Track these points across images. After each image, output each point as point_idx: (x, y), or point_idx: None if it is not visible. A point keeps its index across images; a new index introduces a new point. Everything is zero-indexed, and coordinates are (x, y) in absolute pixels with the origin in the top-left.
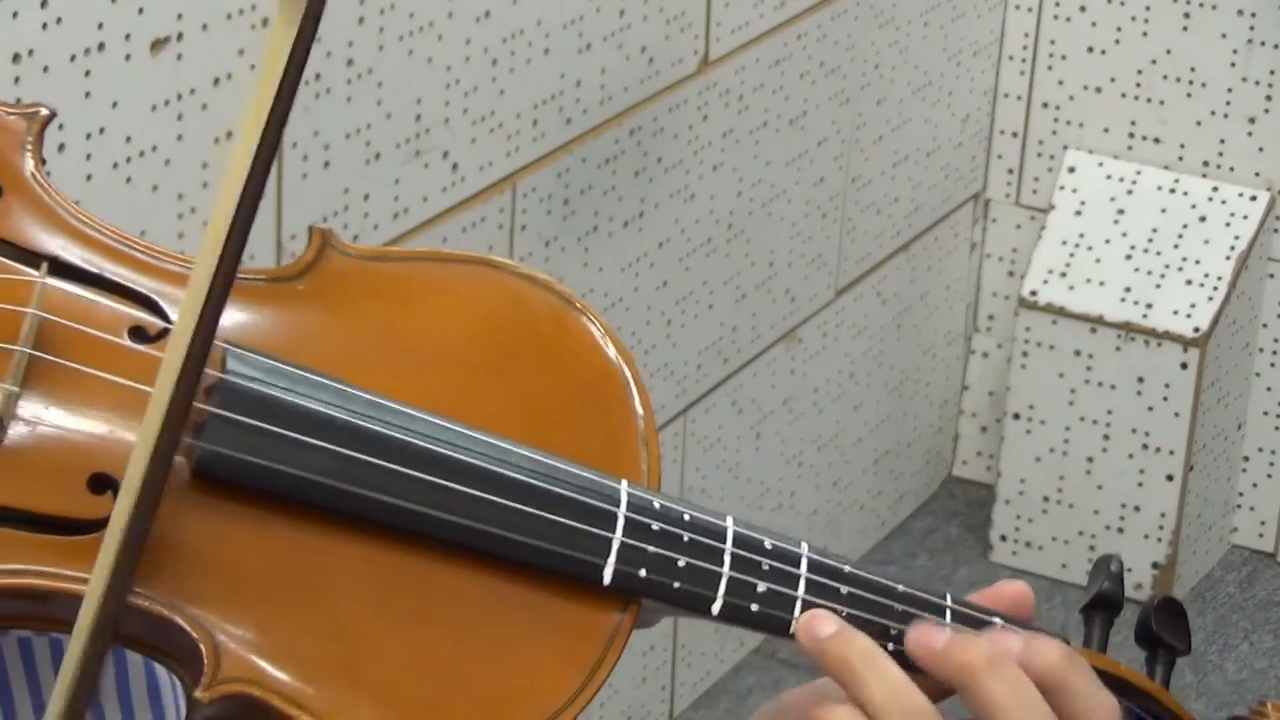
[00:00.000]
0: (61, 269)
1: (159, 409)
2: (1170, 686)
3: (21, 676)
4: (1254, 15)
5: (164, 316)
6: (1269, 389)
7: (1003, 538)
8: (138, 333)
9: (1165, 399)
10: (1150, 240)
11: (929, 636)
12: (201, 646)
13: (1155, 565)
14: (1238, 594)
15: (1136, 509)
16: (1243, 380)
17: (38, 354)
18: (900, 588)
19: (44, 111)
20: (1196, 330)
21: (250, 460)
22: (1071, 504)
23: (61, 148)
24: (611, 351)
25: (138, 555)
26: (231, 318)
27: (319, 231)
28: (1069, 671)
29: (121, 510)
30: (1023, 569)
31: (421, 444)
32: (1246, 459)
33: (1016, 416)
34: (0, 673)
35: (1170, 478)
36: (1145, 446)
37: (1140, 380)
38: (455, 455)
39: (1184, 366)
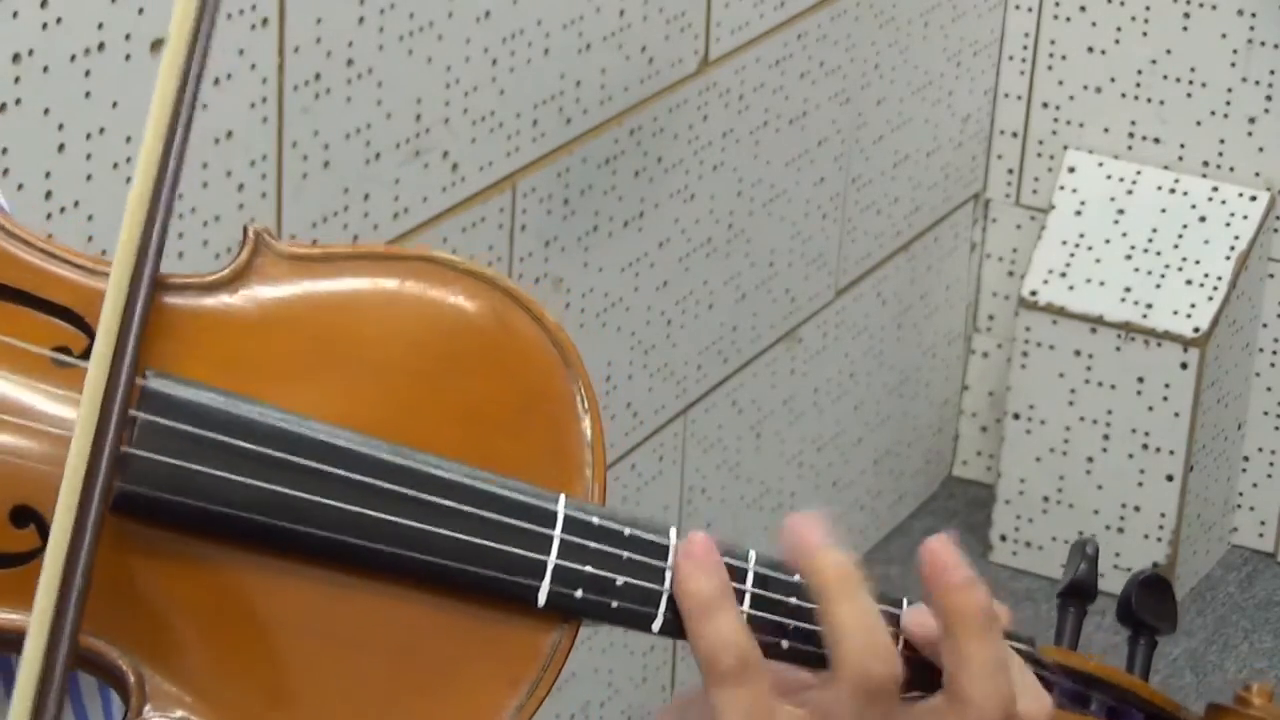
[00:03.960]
0: None
1: (83, 449)
2: (1158, 670)
3: None
4: (1254, 15)
5: (90, 333)
6: (1269, 389)
7: (1003, 538)
8: (61, 355)
9: (1165, 399)
10: (1150, 240)
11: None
12: (131, 680)
13: (1155, 565)
14: (1238, 594)
15: (1136, 509)
16: (1243, 380)
17: None
18: None
19: None
20: (1196, 330)
21: (172, 499)
22: (1071, 504)
23: (61, 148)
24: (557, 352)
25: (84, 600)
26: (155, 332)
27: (254, 232)
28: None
29: (55, 555)
30: (1023, 569)
31: (348, 473)
32: (1246, 459)
33: (1016, 416)
34: None
35: (1170, 478)
36: (1145, 446)
37: (1140, 380)
38: (383, 484)
39: (1184, 366)
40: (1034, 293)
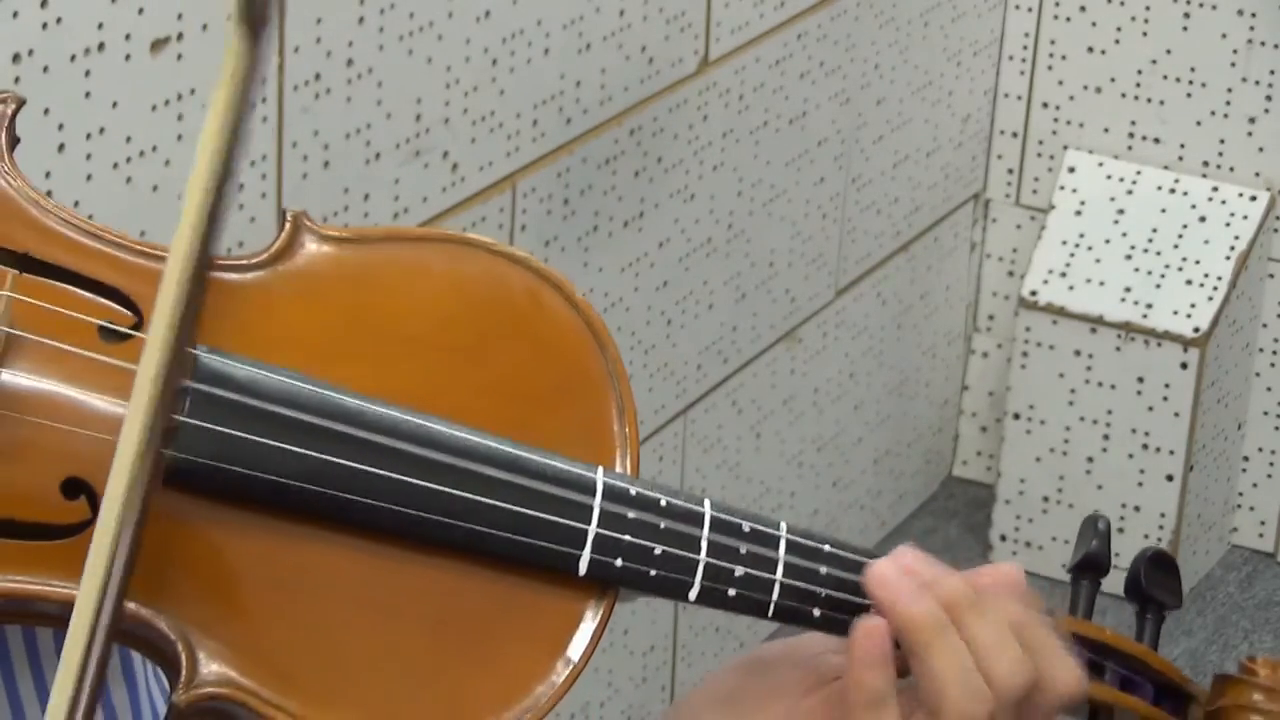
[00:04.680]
0: (31, 266)
1: (139, 423)
2: (1161, 639)
3: (26, 665)
4: (1254, 15)
5: (137, 311)
6: (1269, 389)
7: (1003, 538)
8: (109, 332)
9: (1165, 399)
10: (1150, 240)
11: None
12: (180, 650)
13: None
14: (1238, 594)
15: (1136, 509)
16: (1243, 380)
17: (6, 368)
18: None
19: (12, 98)
20: (1196, 330)
21: (221, 467)
22: (1071, 504)
23: (61, 148)
24: (589, 330)
25: (131, 568)
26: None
27: (292, 215)
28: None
29: (106, 526)
30: (1022, 569)
31: (394, 444)
32: (1246, 459)
33: (1016, 416)
34: (4, 661)
35: (1170, 478)
36: (1145, 446)
37: (1140, 380)
38: (427, 454)
39: (1184, 366)
40: (1034, 293)
